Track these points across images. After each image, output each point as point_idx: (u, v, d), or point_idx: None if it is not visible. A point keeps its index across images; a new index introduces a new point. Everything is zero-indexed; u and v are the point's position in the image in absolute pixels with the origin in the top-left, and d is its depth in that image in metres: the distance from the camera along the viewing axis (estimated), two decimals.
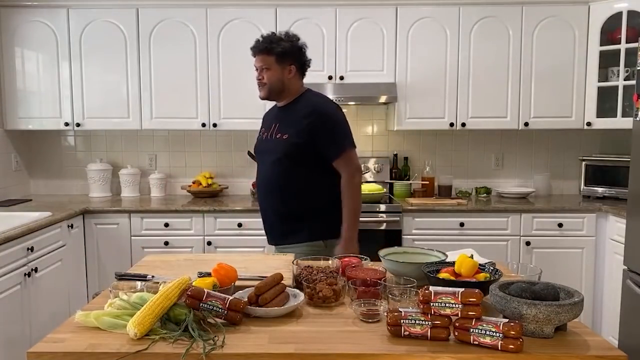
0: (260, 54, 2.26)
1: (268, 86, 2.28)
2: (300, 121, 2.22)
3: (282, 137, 2.25)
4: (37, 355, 1.17)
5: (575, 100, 3.62)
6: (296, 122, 2.23)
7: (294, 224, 2.27)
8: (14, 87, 3.67)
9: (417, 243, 3.34)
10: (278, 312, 1.37)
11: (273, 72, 2.26)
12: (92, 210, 3.43)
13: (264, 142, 2.37)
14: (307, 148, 2.21)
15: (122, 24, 3.61)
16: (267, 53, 2.24)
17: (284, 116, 2.31)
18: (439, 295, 1.22)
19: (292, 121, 2.25)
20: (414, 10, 3.58)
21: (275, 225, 2.33)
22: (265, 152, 2.33)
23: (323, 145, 2.21)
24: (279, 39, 2.26)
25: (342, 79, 3.59)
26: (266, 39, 2.26)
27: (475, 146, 4.05)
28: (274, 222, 2.34)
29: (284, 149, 2.22)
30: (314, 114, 2.22)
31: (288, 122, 2.26)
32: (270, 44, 2.24)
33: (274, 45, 2.24)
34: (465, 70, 3.62)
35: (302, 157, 2.23)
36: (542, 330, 1.22)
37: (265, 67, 2.25)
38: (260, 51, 2.26)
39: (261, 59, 2.26)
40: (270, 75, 2.26)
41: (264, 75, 2.27)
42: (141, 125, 3.69)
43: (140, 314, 1.24)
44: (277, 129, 2.29)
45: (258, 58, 2.28)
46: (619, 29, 3.44)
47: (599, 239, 3.41)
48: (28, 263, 2.76)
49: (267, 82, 2.27)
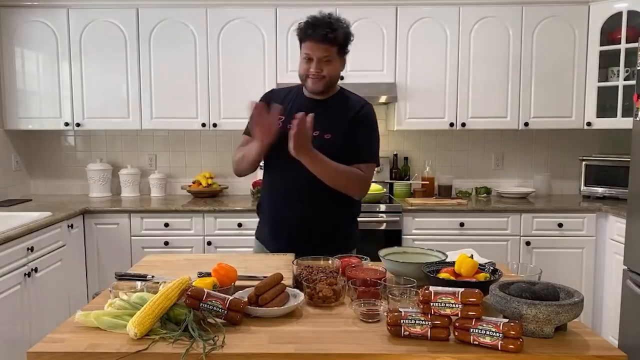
0: (323, 44, 1.93)
1: (327, 80, 1.98)
2: (344, 121, 2.00)
3: (324, 136, 1.97)
4: (37, 355, 1.17)
5: (575, 100, 3.62)
6: (339, 122, 2.00)
7: (328, 235, 2.04)
8: (14, 87, 3.67)
9: (417, 243, 3.34)
10: (278, 312, 1.37)
11: (335, 65, 1.98)
12: (92, 210, 3.43)
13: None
14: (345, 151, 1.99)
15: (122, 24, 3.61)
16: (330, 43, 1.93)
17: (321, 111, 1.96)
18: (439, 295, 1.22)
19: (334, 119, 2.00)
20: (414, 10, 3.58)
21: (301, 235, 2.03)
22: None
23: (359, 146, 2.01)
24: (340, 26, 1.95)
25: (342, 78, 3.57)
26: (327, 24, 1.93)
27: (475, 146, 4.05)
28: (300, 232, 2.04)
29: (328, 151, 1.92)
30: (361, 115, 2.03)
31: (329, 119, 1.99)
32: (335, 33, 1.92)
33: (338, 33, 1.94)
34: (465, 70, 3.62)
35: (338, 161, 1.97)
36: (542, 330, 1.22)
37: (327, 59, 1.95)
38: (323, 40, 1.92)
39: (324, 49, 1.93)
40: (332, 69, 1.97)
41: (324, 68, 1.96)
42: (141, 125, 3.69)
43: (140, 314, 1.24)
44: (314, 125, 1.93)
45: (318, 47, 1.93)
46: (619, 29, 3.44)
47: (599, 239, 3.41)
48: (28, 263, 2.76)
49: (327, 76, 1.97)
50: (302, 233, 2.03)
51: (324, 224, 2.05)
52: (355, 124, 2.01)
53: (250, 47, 3.58)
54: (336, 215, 2.08)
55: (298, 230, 2.03)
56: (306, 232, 2.02)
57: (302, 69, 1.99)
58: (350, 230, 2.17)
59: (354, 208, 2.16)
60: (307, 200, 2.01)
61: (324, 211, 2.04)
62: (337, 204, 2.05)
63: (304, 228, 2.03)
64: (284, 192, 2.05)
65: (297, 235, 2.03)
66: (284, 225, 2.06)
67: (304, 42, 1.95)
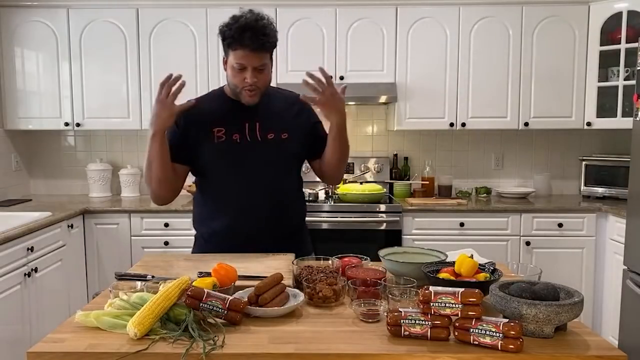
0: (259, 52, 1.75)
1: (262, 90, 1.83)
2: (290, 117, 1.92)
3: (281, 136, 1.89)
4: (37, 355, 1.17)
5: (575, 100, 3.62)
6: (287, 119, 1.92)
7: (291, 242, 1.95)
8: (14, 87, 3.67)
9: (417, 243, 3.34)
10: (278, 312, 1.37)
11: (268, 70, 1.83)
12: (92, 210, 3.43)
13: (246, 148, 1.87)
14: (308, 145, 1.95)
15: (122, 23, 3.61)
16: (266, 50, 1.77)
17: (262, 113, 1.87)
18: (439, 295, 1.22)
19: (281, 118, 1.91)
20: (414, 10, 3.58)
21: (265, 240, 1.92)
22: (257, 156, 1.88)
23: (323, 134, 1.94)
24: (271, 27, 1.78)
25: (342, 79, 3.59)
26: (261, 28, 1.73)
27: (475, 146, 4.05)
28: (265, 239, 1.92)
29: (288, 150, 1.90)
30: (306, 107, 1.93)
31: (276, 119, 1.90)
32: (269, 38, 1.76)
33: (274, 39, 1.78)
34: (465, 70, 3.62)
35: (299, 158, 1.99)
36: (542, 330, 1.22)
37: (261, 67, 1.78)
38: (259, 49, 1.74)
39: (260, 57, 1.75)
40: (266, 76, 1.82)
41: (259, 77, 1.78)
42: (141, 125, 3.69)
43: (140, 314, 1.24)
44: (261, 129, 1.87)
45: (254, 56, 1.74)
46: (619, 29, 3.44)
47: (599, 239, 3.41)
48: (28, 263, 2.76)
49: (263, 86, 1.82)
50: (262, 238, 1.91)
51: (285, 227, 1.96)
52: (306, 117, 1.96)
53: None
54: (300, 216, 2.05)
55: (257, 237, 1.91)
56: (267, 237, 1.91)
57: (236, 79, 1.79)
58: (305, 232, 2.10)
59: (305, 205, 2.11)
60: (270, 206, 1.90)
61: (292, 213, 1.99)
62: (296, 204, 2.02)
63: (265, 233, 1.92)
64: (242, 203, 1.90)
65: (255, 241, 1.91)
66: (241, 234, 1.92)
67: (235, 50, 1.75)
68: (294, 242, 1.97)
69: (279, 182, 1.92)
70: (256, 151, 1.87)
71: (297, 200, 2.05)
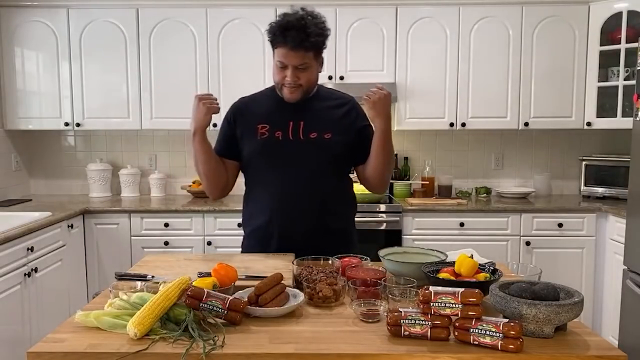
0: (298, 51, 1.76)
1: (305, 89, 1.85)
2: (336, 118, 1.92)
3: (324, 136, 1.88)
4: (37, 355, 1.17)
5: (575, 100, 3.62)
6: (333, 120, 1.91)
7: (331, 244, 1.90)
8: (14, 87, 3.67)
9: (417, 243, 3.34)
10: (278, 312, 1.37)
11: (312, 70, 1.83)
12: (92, 210, 3.43)
13: (287, 145, 1.88)
14: (350, 147, 1.92)
15: (122, 24, 3.61)
16: (306, 49, 1.77)
17: (309, 112, 1.90)
18: (439, 295, 1.22)
19: (326, 118, 1.91)
20: (414, 10, 3.58)
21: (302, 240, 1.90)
22: (296, 155, 1.88)
23: (370, 136, 1.91)
24: (315, 26, 1.76)
25: (342, 78, 3.59)
26: (302, 27, 1.74)
27: (475, 146, 4.05)
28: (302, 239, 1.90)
29: (331, 151, 1.88)
30: (351, 105, 1.95)
31: (322, 119, 1.90)
32: (310, 37, 1.75)
33: (314, 38, 1.76)
34: (465, 70, 3.62)
35: (345, 159, 1.95)
36: (542, 330, 1.22)
37: (303, 67, 1.80)
38: (297, 47, 1.75)
39: (300, 56, 1.76)
40: (309, 76, 1.83)
41: (301, 76, 1.81)
42: (141, 125, 3.69)
43: (140, 314, 1.24)
44: (305, 127, 1.88)
45: (293, 55, 1.76)
46: (619, 29, 3.44)
47: (599, 239, 3.41)
48: (28, 263, 2.76)
49: (305, 85, 1.84)
50: (299, 237, 1.90)
51: (332, 228, 1.94)
52: (354, 119, 1.94)
53: (250, 47, 3.58)
54: (343, 219, 2.00)
55: (294, 236, 1.91)
56: (305, 236, 1.90)
57: (277, 76, 1.84)
58: (353, 233, 2.08)
59: (354, 208, 2.09)
60: (309, 206, 1.89)
61: (332, 215, 1.94)
62: (342, 205, 1.99)
63: (303, 232, 1.90)
64: (280, 200, 1.90)
65: (292, 240, 1.91)
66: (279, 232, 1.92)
67: (277, 48, 1.80)
68: (334, 244, 1.90)
69: (318, 181, 1.89)
70: (296, 149, 1.88)
71: (341, 202, 1.99)
